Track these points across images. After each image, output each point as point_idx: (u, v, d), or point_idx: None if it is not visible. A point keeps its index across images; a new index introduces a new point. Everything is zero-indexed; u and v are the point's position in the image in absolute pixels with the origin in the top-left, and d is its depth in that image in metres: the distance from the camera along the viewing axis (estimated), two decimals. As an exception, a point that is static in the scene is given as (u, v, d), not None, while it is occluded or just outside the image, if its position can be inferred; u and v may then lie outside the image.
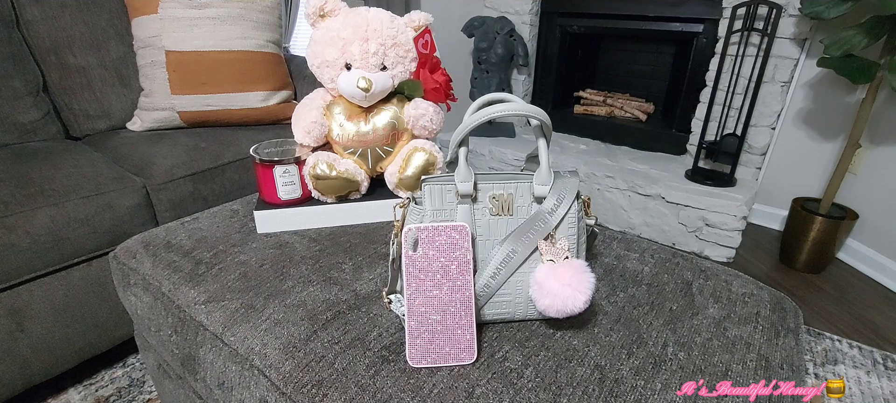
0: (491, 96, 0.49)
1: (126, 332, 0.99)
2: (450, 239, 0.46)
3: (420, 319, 0.45)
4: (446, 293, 0.45)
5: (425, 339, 0.45)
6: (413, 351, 0.45)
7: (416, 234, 0.45)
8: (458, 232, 0.46)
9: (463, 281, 0.46)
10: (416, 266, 0.45)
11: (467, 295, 0.46)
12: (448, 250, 0.46)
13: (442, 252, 0.46)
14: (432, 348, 0.45)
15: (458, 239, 0.46)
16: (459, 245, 0.45)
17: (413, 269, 0.45)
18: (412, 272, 0.45)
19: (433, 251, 0.45)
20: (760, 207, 1.83)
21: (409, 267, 0.45)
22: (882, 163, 1.47)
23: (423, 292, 0.45)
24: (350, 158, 0.71)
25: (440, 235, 0.46)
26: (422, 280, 0.45)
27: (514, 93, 2.15)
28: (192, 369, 0.55)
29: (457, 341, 0.45)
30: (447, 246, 0.46)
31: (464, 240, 0.46)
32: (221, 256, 0.63)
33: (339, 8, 0.68)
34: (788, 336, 0.53)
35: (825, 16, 1.31)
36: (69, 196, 0.88)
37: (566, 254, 0.47)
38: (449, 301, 0.45)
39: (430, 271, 0.45)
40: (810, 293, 1.41)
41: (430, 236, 0.45)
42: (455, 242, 0.45)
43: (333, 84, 0.69)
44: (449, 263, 0.45)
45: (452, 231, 0.46)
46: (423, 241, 0.45)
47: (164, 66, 1.23)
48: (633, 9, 1.85)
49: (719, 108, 1.68)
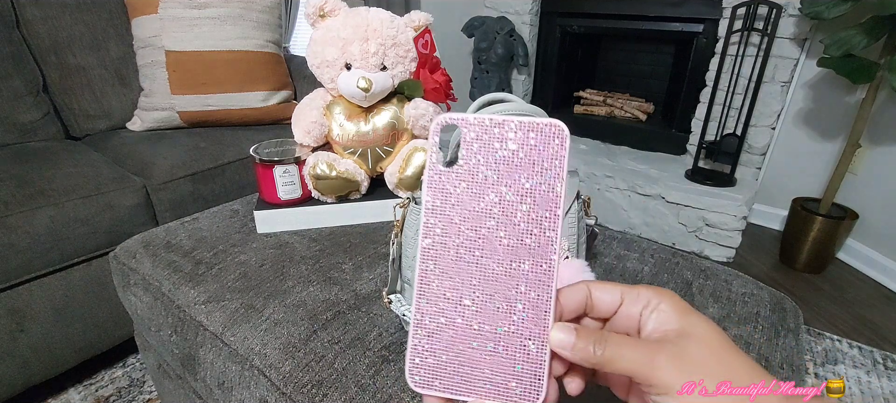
0: (491, 96, 0.49)
1: (126, 332, 0.99)
2: (525, 150, 0.23)
3: (439, 305, 0.24)
4: (502, 260, 0.23)
5: (446, 344, 0.24)
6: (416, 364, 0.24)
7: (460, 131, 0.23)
8: (541, 137, 0.23)
9: (542, 241, 0.23)
10: (450, 198, 0.23)
11: (547, 270, 0.23)
12: (518, 171, 0.23)
13: (505, 173, 0.23)
14: (457, 364, 0.24)
15: (541, 150, 0.23)
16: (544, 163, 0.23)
17: (441, 206, 0.23)
18: (441, 209, 0.23)
19: (488, 168, 0.23)
20: (760, 207, 1.83)
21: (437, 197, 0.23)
22: (882, 163, 1.47)
23: (452, 251, 0.24)
24: (350, 158, 0.71)
25: (513, 136, 0.23)
26: (456, 227, 0.23)
27: (514, 93, 2.15)
28: (192, 369, 0.55)
29: (512, 361, 0.23)
30: (518, 164, 0.23)
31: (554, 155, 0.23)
32: (221, 256, 0.63)
33: (339, 8, 0.68)
34: (788, 336, 0.53)
35: (825, 16, 1.31)
36: (69, 196, 0.88)
37: (566, 254, 0.47)
38: (505, 276, 0.23)
39: (476, 211, 0.23)
40: (810, 293, 1.41)
41: (489, 137, 0.23)
42: (535, 157, 0.23)
43: (333, 84, 0.69)
44: (518, 200, 0.23)
45: (532, 131, 0.23)
46: (473, 144, 0.23)
47: (164, 65, 1.23)
48: (633, 9, 1.85)
49: (719, 108, 1.68)
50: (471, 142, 0.23)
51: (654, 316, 0.24)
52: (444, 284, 0.24)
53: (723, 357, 0.22)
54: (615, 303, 0.25)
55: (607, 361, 0.22)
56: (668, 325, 0.23)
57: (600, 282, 0.26)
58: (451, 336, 0.24)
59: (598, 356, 0.23)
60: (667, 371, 0.22)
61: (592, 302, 0.25)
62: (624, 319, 0.25)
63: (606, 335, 0.23)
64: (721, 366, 0.22)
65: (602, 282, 0.26)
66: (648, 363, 0.22)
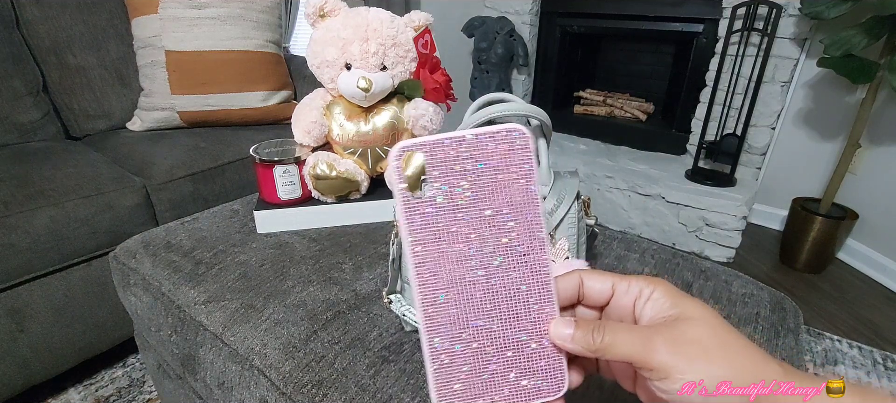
0: (491, 96, 0.49)
1: (126, 332, 0.99)
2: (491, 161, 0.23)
3: (451, 334, 0.24)
4: (498, 272, 0.24)
5: (468, 366, 0.24)
6: (444, 393, 0.24)
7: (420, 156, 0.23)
8: (506, 143, 0.23)
9: (531, 243, 0.24)
10: (429, 224, 0.23)
11: (541, 270, 0.24)
12: (492, 183, 0.23)
13: (479, 188, 0.23)
14: (482, 381, 0.24)
15: (506, 156, 0.23)
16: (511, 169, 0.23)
17: (424, 234, 0.23)
18: (422, 239, 0.23)
19: (460, 187, 0.23)
20: (760, 207, 1.83)
21: (416, 227, 0.23)
22: (882, 163, 1.47)
23: (448, 274, 0.24)
24: (350, 158, 0.71)
25: (473, 151, 0.23)
26: (443, 253, 0.23)
27: (514, 93, 2.15)
28: (192, 369, 0.55)
29: (528, 361, 0.25)
30: (488, 175, 0.23)
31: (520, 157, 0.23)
32: (221, 256, 0.63)
33: (339, 8, 0.68)
34: (788, 336, 0.53)
35: (825, 16, 1.31)
36: (69, 196, 0.88)
37: (566, 254, 0.47)
38: (505, 285, 0.24)
39: (458, 233, 0.23)
40: (810, 293, 1.41)
41: (450, 157, 0.23)
42: (506, 162, 0.23)
43: (333, 84, 0.69)
44: (499, 211, 0.23)
45: (491, 140, 0.23)
46: (437, 168, 0.23)
47: (164, 65, 1.23)
48: (633, 9, 1.85)
49: (719, 108, 1.68)
50: (434, 166, 0.23)
51: (649, 305, 0.24)
52: (450, 312, 0.24)
53: (719, 335, 0.23)
54: (606, 291, 0.25)
55: (606, 348, 0.23)
56: (664, 312, 0.24)
57: (592, 271, 0.26)
58: (469, 357, 0.24)
59: (597, 343, 0.23)
60: (664, 354, 0.22)
61: (584, 290, 0.26)
62: (618, 310, 0.25)
63: (604, 323, 0.24)
64: (718, 346, 0.22)
65: (594, 271, 0.26)
66: (646, 347, 0.22)
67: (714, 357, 0.22)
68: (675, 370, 0.22)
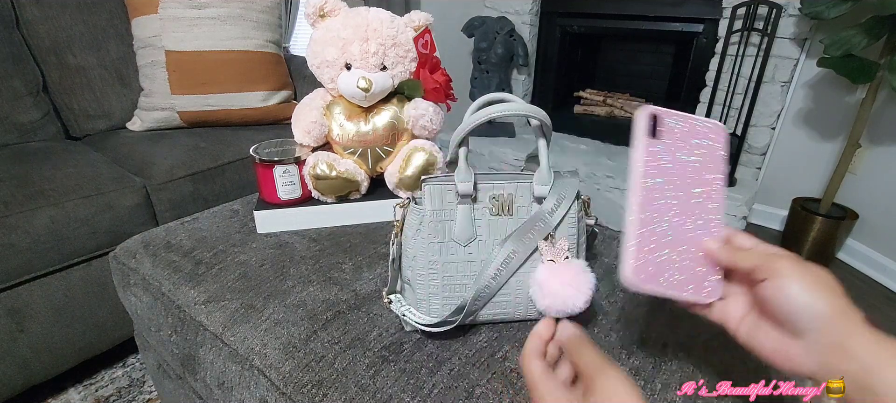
0: (491, 96, 0.49)
1: (126, 332, 0.99)
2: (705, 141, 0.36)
3: (652, 225, 0.34)
4: (691, 209, 0.35)
5: (656, 254, 0.34)
6: (639, 264, 0.34)
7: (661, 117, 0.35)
8: (713, 134, 0.36)
9: (714, 200, 0.36)
10: (657, 161, 0.34)
11: (715, 220, 0.36)
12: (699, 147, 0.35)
13: (695, 151, 0.35)
14: (663, 271, 0.35)
15: (711, 135, 0.36)
16: (714, 144, 0.36)
17: (652, 165, 0.34)
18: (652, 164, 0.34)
19: (684, 147, 0.35)
20: (760, 207, 1.83)
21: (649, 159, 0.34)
22: (882, 163, 1.47)
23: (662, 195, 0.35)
24: (350, 158, 0.71)
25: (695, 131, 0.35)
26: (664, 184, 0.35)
27: (514, 93, 2.15)
28: (192, 369, 0.55)
29: (696, 272, 0.35)
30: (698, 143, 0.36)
31: (717, 139, 0.36)
32: (221, 256, 0.63)
33: (339, 8, 0.68)
34: (788, 336, 0.53)
35: (825, 16, 1.31)
36: (69, 196, 0.88)
37: (566, 255, 0.47)
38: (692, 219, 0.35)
39: (675, 174, 0.35)
40: (810, 293, 1.41)
41: (684, 129, 0.35)
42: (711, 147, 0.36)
43: (333, 84, 0.69)
44: (703, 170, 0.35)
45: (707, 132, 0.36)
46: (670, 133, 0.35)
47: (164, 65, 1.23)
48: (633, 9, 1.85)
49: (719, 108, 1.68)
50: (672, 127, 0.35)
51: None
52: (660, 203, 0.35)
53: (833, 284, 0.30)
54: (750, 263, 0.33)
55: (741, 259, 0.33)
56: None
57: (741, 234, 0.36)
58: (665, 242, 0.34)
59: (734, 256, 0.34)
60: (786, 264, 0.30)
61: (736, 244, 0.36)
62: None
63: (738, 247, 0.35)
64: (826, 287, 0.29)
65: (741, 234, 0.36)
66: (772, 259, 0.31)
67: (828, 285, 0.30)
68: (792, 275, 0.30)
